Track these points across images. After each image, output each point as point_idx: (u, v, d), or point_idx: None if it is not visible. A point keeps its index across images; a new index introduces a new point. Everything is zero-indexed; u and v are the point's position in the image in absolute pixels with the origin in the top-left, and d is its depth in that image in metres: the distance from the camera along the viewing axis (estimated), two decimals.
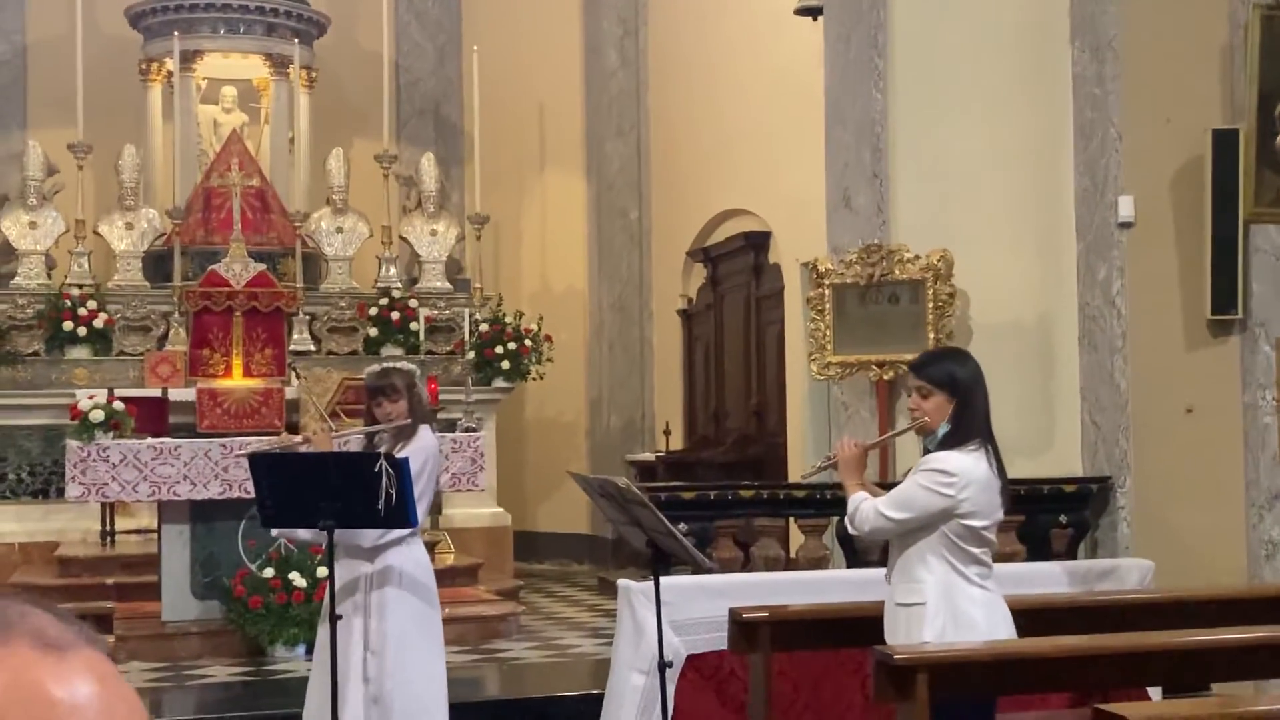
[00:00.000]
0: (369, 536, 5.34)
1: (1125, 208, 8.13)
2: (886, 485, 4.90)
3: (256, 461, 5.31)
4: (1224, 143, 7.89)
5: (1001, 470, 4.43)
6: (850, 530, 4.55)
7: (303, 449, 5.67)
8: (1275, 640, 4.39)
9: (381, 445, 5.48)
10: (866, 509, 4.41)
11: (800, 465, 10.18)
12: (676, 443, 12.46)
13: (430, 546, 8.97)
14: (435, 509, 10.54)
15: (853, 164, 8.98)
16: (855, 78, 8.96)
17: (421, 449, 5.44)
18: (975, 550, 4.36)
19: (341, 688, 5.11)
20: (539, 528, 13.49)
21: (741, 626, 4.95)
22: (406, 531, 5.35)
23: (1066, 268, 8.44)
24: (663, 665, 4.89)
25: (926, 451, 4.47)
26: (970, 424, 4.39)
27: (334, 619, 5.16)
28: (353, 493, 5.07)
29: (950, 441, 4.39)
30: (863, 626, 4.68)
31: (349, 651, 5.28)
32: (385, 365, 5.75)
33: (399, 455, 5.22)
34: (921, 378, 4.46)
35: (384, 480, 5.06)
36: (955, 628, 4.30)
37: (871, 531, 4.45)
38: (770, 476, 10.40)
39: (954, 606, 4.32)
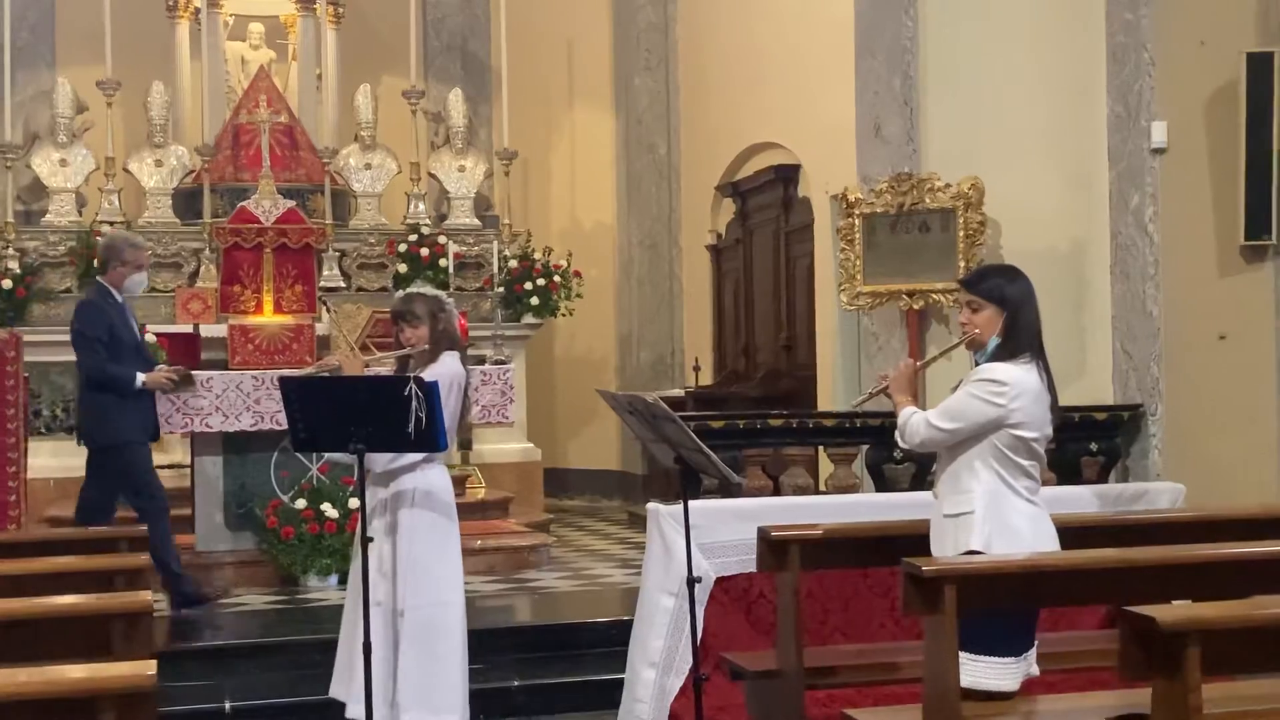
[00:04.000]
0: (380, 461, 5.36)
1: (1158, 133, 8.06)
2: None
3: (288, 386, 5.33)
4: (1258, 66, 7.80)
5: (1052, 387, 4.44)
6: (901, 444, 4.56)
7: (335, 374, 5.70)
8: None
9: (411, 370, 5.50)
10: (917, 421, 4.43)
11: (831, 398, 10.17)
12: (706, 378, 12.46)
13: (461, 481, 9.04)
14: (465, 443, 10.59)
15: (883, 92, 8.92)
16: (886, 4, 8.88)
17: (444, 374, 5.43)
18: (1024, 463, 4.38)
19: (370, 609, 5.15)
20: (569, 464, 13.54)
21: (770, 545, 4.95)
22: (421, 456, 5.37)
23: (1098, 195, 8.38)
24: (691, 581, 4.91)
25: (977, 365, 4.48)
26: (1020, 338, 4.41)
27: (365, 541, 5.19)
28: (383, 416, 5.09)
29: (1001, 354, 4.41)
30: (892, 546, 4.68)
31: (372, 574, 5.31)
32: (410, 291, 5.75)
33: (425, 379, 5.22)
34: (973, 292, 4.49)
35: (413, 403, 5.07)
36: (1001, 538, 4.31)
37: (922, 443, 4.45)
38: (801, 410, 10.38)
39: (1001, 517, 4.34)
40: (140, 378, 7.36)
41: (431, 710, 5.34)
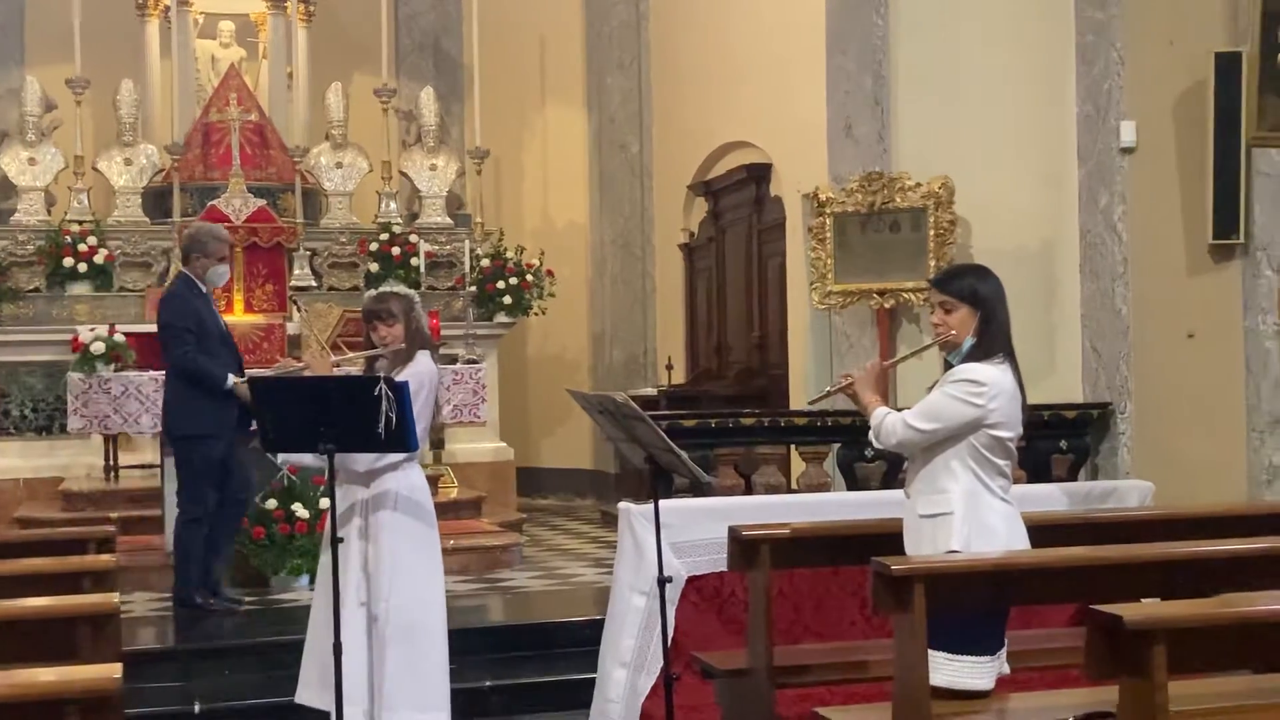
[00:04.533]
0: (363, 461, 5.35)
1: (1127, 133, 8.10)
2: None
3: (256, 386, 5.31)
4: (1227, 66, 7.84)
5: (1021, 386, 4.46)
6: (875, 444, 4.54)
7: (304, 374, 5.68)
8: (1276, 551, 4.40)
9: (380, 370, 5.48)
10: (893, 421, 4.42)
11: (803, 396, 10.19)
12: (679, 377, 12.46)
13: (433, 480, 9.02)
14: (438, 443, 10.57)
15: (854, 91, 8.93)
16: (857, 4, 8.89)
17: (418, 373, 5.44)
18: (1000, 462, 4.40)
19: (341, 611, 5.13)
20: (542, 463, 13.53)
21: (741, 544, 4.95)
22: (402, 456, 5.36)
23: (1068, 194, 8.42)
24: (662, 581, 4.91)
25: (949, 366, 4.48)
26: (995, 337, 4.41)
27: (335, 543, 5.17)
28: (352, 416, 5.07)
29: (975, 355, 4.41)
30: (863, 544, 4.68)
31: (348, 575, 5.30)
32: (382, 290, 5.74)
33: (397, 379, 5.21)
34: (945, 292, 4.46)
35: (383, 403, 5.05)
36: (979, 537, 4.32)
37: (899, 444, 4.45)
38: (773, 408, 10.40)
39: (979, 517, 4.35)
40: (230, 379, 7.21)
41: (419, 708, 5.34)
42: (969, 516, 4.33)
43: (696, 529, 5.57)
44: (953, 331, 4.43)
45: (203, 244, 7.38)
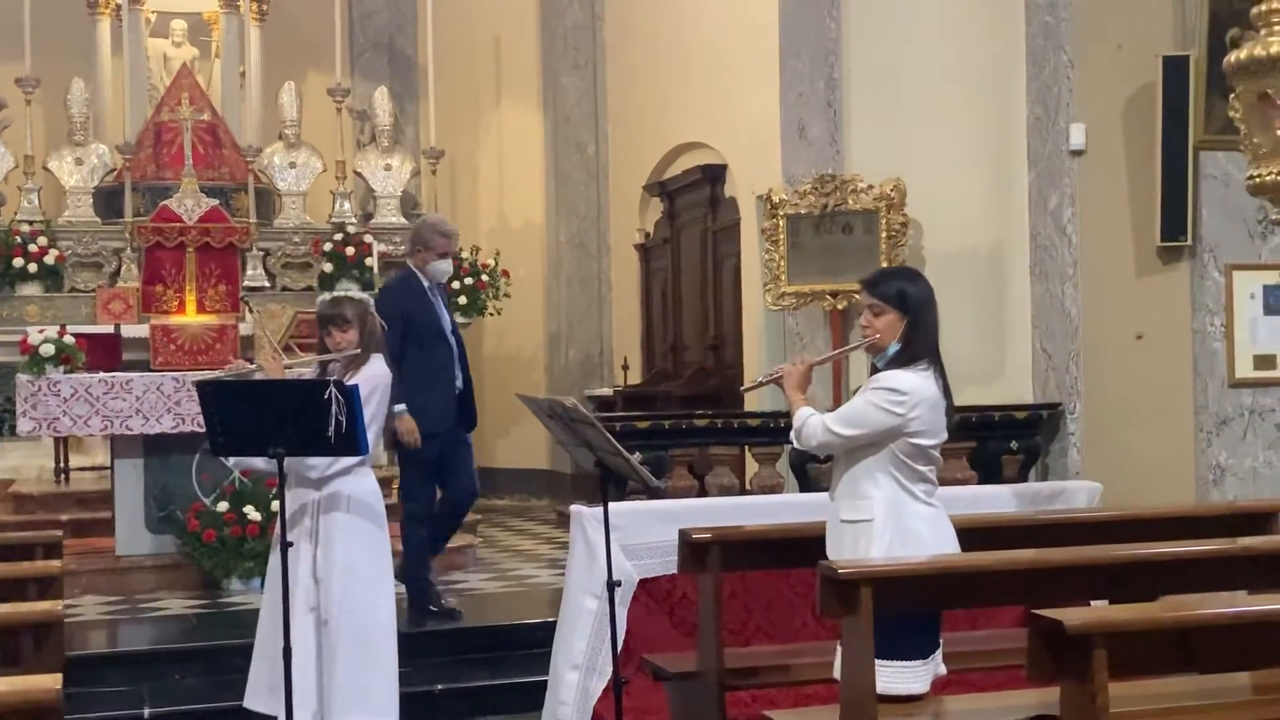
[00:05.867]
0: (317, 466, 5.34)
1: (1076, 135, 8.16)
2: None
3: (205, 390, 5.27)
4: (1175, 69, 7.92)
5: (947, 391, 4.43)
6: (795, 444, 4.53)
7: (256, 378, 5.65)
8: (1221, 553, 4.44)
9: (333, 374, 5.47)
10: (814, 423, 4.40)
11: (756, 397, 10.21)
12: (635, 377, 12.47)
13: (387, 481, 8.98)
14: (393, 445, 10.52)
15: (807, 94, 8.96)
16: (809, 7, 8.92)
17: (371, 377, 5.44)
18: (922, 468, 4.38)
19: (291, 614, 5.12)
20: (497, 463, 13.49)
21: (691, 547, 4.96)
22: (354, 460, 5.35)
23: (1018, 196, 8.48)
24: (611, 585, 4.91)
25: (874, 370, 4.47)
26: (920, 343, 4.38)
27: (284, 546, 5.15)
28: (302, 420, 5.05)
29: (900, 360, 4.38)
30: (812, 547, 4.69)
31: (298, 579, 5.28)
32: (337, 295, 5.73)
33: (349, 383, 5.20)
34: (874, 295, 4.43)
35: (333, 407, 5.04)
36: (903, 544, 4.32)
37: (819, 446, 4.44)
38: (727, 409, 10.42)
39: (901, 523, 4.34)
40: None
41: (369, 712, 5.33)
42: (890, 524, 4.32)
43: (648, 531, 5.58)
44: (877, 335, 4.41)
45: (425, 238, 7.16)
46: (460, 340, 7.34)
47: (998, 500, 5.92)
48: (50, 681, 2.67)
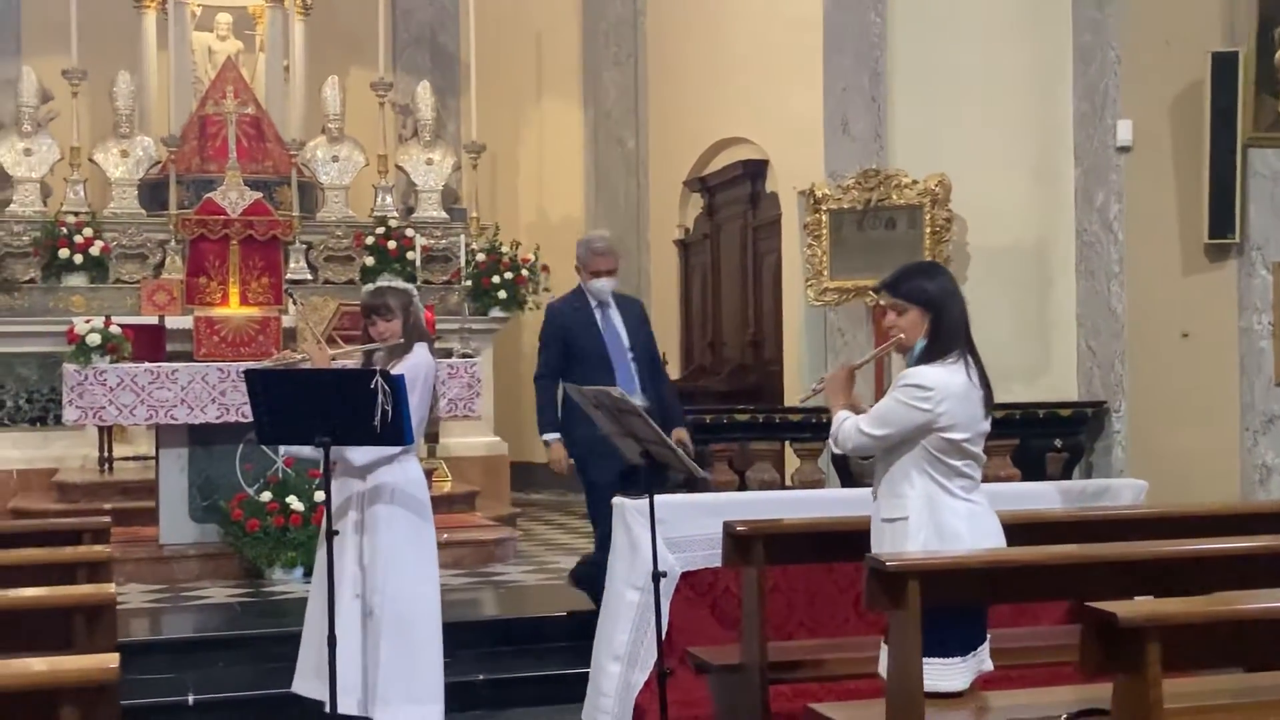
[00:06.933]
0: (362, 454, 5.35)
1: (1124, 132, 8.11)
2: None
3: (253, 378, 5.30)
4: (1224, 66, 7.86)
5: (984, 380, 4.39)
6: (834, 449, 4.53)
7: (301, 367, 5.67)
8: (1270, 550, 4.40)
9: (377, 364, 5.48)
10: (848, 427, 4.40)
11: (797, 393, 10.20)
12: (673, 373, 12.45)
13: (428, 474, 9.02)
14: (432, 437, 10.57)
15: (851, 89, 8.94)
16: (854, 2, 8.90)
17: (414, 366, 5.44)
18: (957, 463, 4.35)
19: (336, 602, 5.14)
20: (536, 458, 13.48)
21: (736, 540, 4.95)
22: (399, 449, 5.36)
23: (1064, 193, 8.44)
24: (657, 575, 4.91)
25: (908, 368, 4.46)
26: (947, 336, 4.35)
27: (330, 535, 5.18)
28: (349, 409, 5.07)
29: (928, 355, 4.36)
30: (856, 541, 4.68)
31: (344, 566, 5.31)
32: (380, 285, 5.73)
33: (394, 372, 5.21)
34: (894, 295, 4.41)
35: (380, 396, 5.05)
36: (939, 541, 4.30)
37: (854, 449, 4.44)
38: (767, 404, 10.41)
39: (937, 520, 4.32)
40: (549, 435, 6.70)
41: (412, 700, 5.35)
42: (925, 521, 4.30)
43: (691, 524, 5.56)
44: (902, 335, 4.40)
45: (580, 257, 6.88)
46: (646, 355, 6.90)
47: (1042, 497, 5.88)
48: (108, 660, 2.69)
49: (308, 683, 5.41)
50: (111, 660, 2.71)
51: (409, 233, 11.38)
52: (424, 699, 5.38)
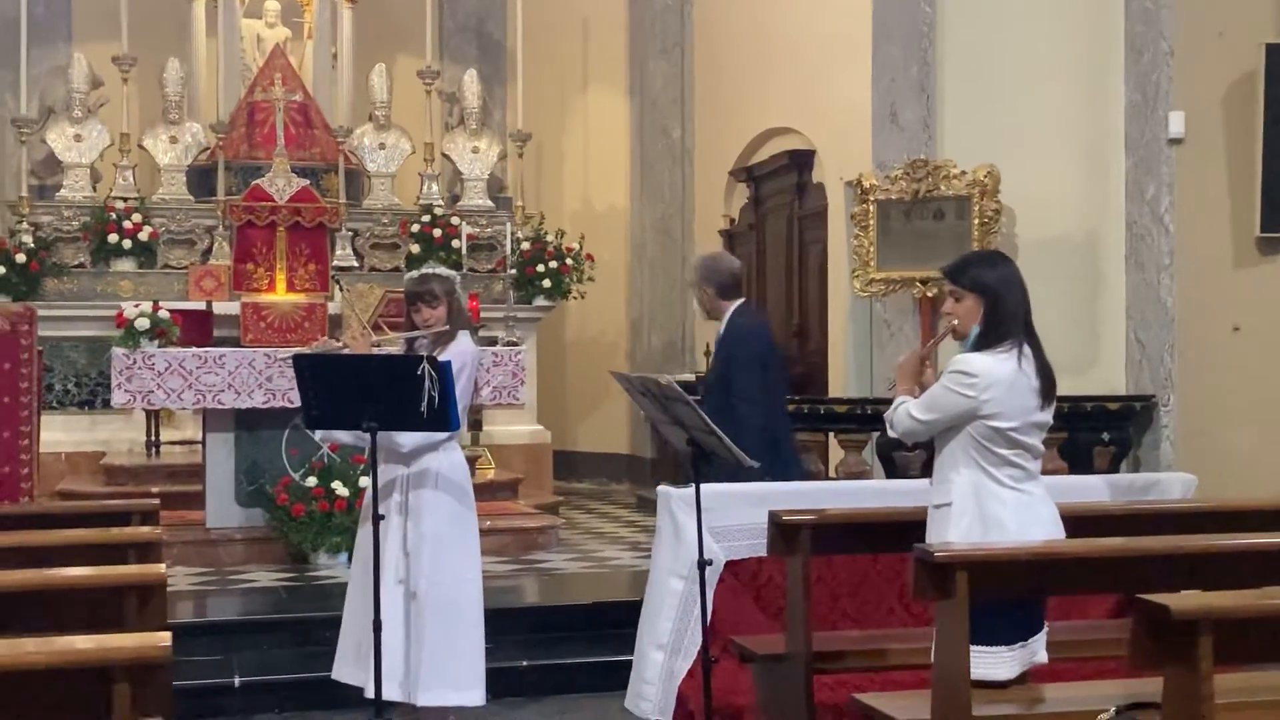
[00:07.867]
0: (407, 440, 5.37)
1: (1175, 124, 8.04)
2: None
3: (301, 363, 5.33)
4: (1277, 57, 7.77)
5: (1042, 370, 4.36)
6: (890, 432, 4.54)
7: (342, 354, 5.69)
8: None
9: (421, 351, 5.49)
10: (901, 411, 4.42)
11: (842, 384, 10.17)
12: None
13: (471, 461, 9.04)
14: (475, 424, 10.60)
15: (900, 78, 8.89)
16: None
17: (460, 353, 5.45)
18: (1005, 452, 4.32)
19: (380, 588, 5.16)
20: (579, 447, 13.55)
21: (781, 529, 4.94)
22: (444, 436, 5.37)
23: (1115, 184, 8.36)
24: (702, 564, 4.91)
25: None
26: (1001, 325, 4.34)
27: (376, 519, 5.20)
28: (396, 395, 5.09)
29: (981, 343, 4.36)
30: (902, 532, 4.67)
31: (387, 553, 5.32)
32: (424, 271, 5.74)
33: (440, 359, 5.22)
34: (953, 282, 4.44)
35: (426, 383, 5.07)
36: (982, 528, 4.28)
37: (904, 433, 4.45)
38: (811, 395, 10.37)
39: (981, 508, 4.30)
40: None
41: (455, 686, 5.37)
42: (968, 508, 4.29)
43: (735, 513, 5.55)
44: (956, 321, 4.40)
45: (721, 280, 6.38)
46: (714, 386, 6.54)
47: (1091, 490, 5.83)
48: (161, 639, 2.71)
49: (347, 669, 5.43)
50: (164, 639, 2.73)
51: (454, 221, 11.41)
52: (466, 684, 5.40)
